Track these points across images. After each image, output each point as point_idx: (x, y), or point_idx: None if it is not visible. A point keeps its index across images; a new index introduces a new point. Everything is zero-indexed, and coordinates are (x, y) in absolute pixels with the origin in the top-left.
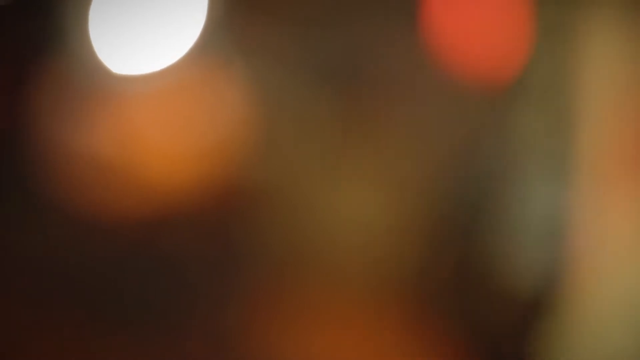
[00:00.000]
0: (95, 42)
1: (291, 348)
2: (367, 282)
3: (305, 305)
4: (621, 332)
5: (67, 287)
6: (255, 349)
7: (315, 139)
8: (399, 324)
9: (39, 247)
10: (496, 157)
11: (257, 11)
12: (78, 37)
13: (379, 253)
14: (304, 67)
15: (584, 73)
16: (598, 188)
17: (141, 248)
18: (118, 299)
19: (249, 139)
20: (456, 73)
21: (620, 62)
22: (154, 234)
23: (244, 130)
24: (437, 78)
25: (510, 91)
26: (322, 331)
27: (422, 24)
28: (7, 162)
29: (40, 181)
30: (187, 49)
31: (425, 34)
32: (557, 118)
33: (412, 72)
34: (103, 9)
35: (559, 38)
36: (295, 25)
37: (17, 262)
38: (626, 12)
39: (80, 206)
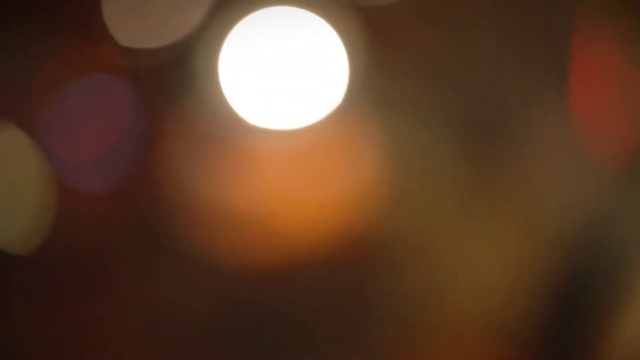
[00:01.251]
0: (231, 94)
1: None
2: (495, 336)
3: (435, 358)
4: None
5: (199, 336)
6: None
7: (446, 194)
8: None
9: (172, 296)
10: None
11: (396, 71)
12: (213, 87)
13: (506, 307)
14: (438, 122)
15: None
16: None
17: (272, 299)
18: (249, 349)
19: (382, 192)
20: (592, 139)
21: None
22: (284, 284)
23: (377, 183)
24: (572, 140)
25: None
26: None
27: (566, 87)
28: (140, 211)
29: (172, 230)
30: (329, 109)
31: (569, 97)
32: None
33: (546, 131)
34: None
35: None
36: (432, 82)
37: (150, 310)
38: None
39: (212, 255)
